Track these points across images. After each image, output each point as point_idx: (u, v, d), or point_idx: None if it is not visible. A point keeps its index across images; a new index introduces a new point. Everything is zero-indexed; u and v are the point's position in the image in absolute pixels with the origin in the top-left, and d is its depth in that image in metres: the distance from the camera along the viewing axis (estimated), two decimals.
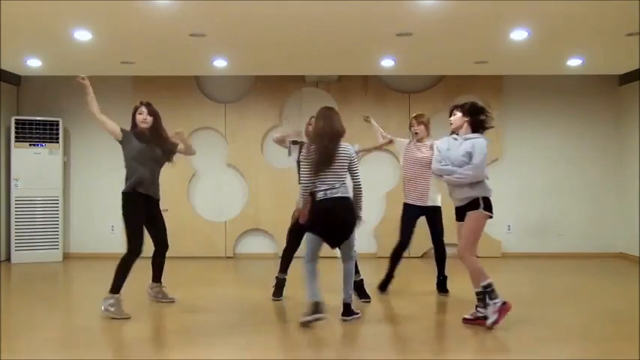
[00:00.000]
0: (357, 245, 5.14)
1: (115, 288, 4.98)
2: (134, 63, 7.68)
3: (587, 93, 8.90)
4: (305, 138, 5.69)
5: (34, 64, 7.75)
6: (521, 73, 8.65)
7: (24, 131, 8.36)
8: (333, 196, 4.74)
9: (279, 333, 4.89)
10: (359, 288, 5.67)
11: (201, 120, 8.78)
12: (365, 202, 5.04)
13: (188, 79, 8.81)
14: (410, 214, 5.91)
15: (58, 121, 8.52)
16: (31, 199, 8.41)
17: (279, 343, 4.65)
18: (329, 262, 5.36)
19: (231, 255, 8.87)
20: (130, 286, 5.26)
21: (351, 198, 4.88)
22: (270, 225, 8.73)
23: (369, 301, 5.65)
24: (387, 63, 7.71)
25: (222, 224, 8.90)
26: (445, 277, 6.04)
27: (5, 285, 6.95)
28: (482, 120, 4.78)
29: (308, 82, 8.83)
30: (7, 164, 8.44)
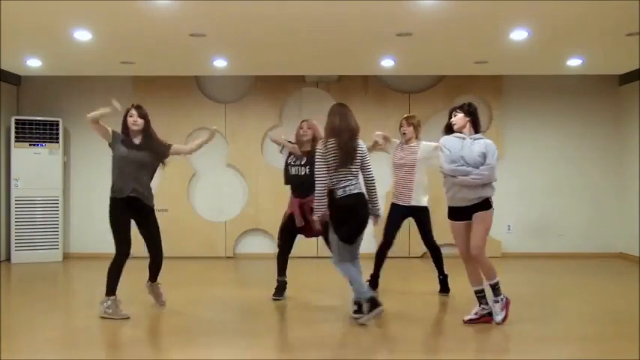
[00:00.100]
0: None
1: (109, 290, 4.98)
2: (134, 63, 7.68)
3: (587, 93, 8.90)
4: (299, 150, 5.68)
5: (34, 64, 7.74)
6: (521, 73, 8.65)
7: (24, 131, 8.35)
8: (352, 193, 4.79)
9: (279, 333, 4.90)
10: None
11: (201, 120, 8.78)
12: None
13: (188, 79, 8.81)
14: (395, 213, 5.94)
15: (58, 121, 8.51)
16: (31, 199, 8.40)
17: (279, 343, 4.65)
18: (313, 262, 5.37)
19: (231, 255, 8.87)
20: (130, 286, 5.27)
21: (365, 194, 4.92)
22: (270, 225, 8.69)
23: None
24: (387, 63, 7.71)
25: (222, 224, 8.90)
26: (446, 275, 6.03)
27: (5, 285, 6.95)
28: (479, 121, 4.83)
29: (308, 82, 8.82)
30: (7, 164, 8.44)
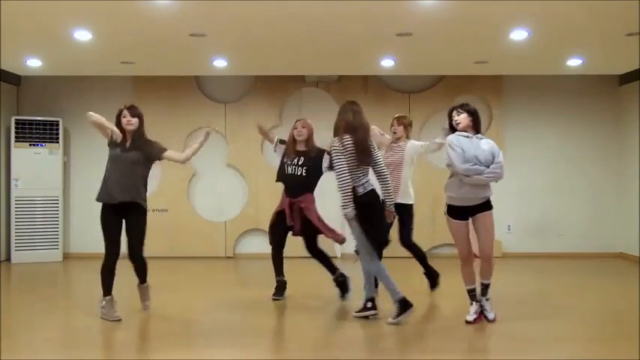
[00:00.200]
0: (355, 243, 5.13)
1: (104, 291, 4.98)
2: (134, 63, 7.68)
3: (587, 93, 8.89)
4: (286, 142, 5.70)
5: (34, 64, 7.74)
6: (521, 73, 8.65)
7: (24, 131, 8.35)
8: (370, 189, 4.83)
9: (279, 333, 4.90)
10: (342, 284, 5.69)
11: (201, 120, 8.77)
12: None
13: (188, 79, 8.81)
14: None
15: (58, 121, 8.51)
16: (31, 199, 8.40)
17: (279, 343, 4.65)
18: (313, 262, 5.38)
19: (231, 255, 8.87)
20: (130, 286, 5.26)
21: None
22: None
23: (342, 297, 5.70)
24: (387, 63, 7.70)
25: (222, 224, 8.90)
26: (430, 268, 5.92)
27: (5, 285, 6.95)
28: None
29: (308, 82, 8.82)
30: (7, 164, 8.44)
